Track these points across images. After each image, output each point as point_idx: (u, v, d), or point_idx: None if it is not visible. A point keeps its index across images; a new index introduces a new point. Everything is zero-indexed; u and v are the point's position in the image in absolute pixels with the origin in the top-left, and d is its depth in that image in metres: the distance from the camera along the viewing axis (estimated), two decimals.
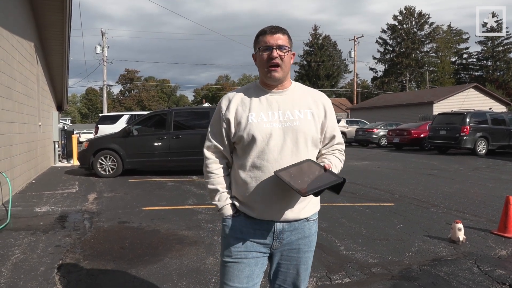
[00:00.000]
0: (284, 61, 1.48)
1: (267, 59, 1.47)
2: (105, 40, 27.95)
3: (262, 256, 1.53)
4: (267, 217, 1.48)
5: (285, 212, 1.48)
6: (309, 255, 1.59)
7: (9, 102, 6.41)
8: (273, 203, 1.46)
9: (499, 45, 49.06)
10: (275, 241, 1.51)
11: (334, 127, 1.61)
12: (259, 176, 1.46)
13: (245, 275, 1.49)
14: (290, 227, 1.51)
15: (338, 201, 5.92)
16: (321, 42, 52.70)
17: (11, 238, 4.05)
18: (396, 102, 30.97)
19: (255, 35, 1.54)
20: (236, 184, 1.53)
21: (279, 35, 1.48)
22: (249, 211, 1.50)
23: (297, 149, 1.46)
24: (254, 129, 1.46)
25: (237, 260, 1.50)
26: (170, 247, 3.75)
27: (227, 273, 1.51)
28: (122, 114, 15.99)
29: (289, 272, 1.56)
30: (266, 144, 1.45)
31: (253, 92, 1.56)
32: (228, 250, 1.52)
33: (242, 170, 1.49)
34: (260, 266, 1.53)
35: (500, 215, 4.61)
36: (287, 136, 1.47)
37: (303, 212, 1.52)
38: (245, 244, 1.50)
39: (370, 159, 12.99)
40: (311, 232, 1.57)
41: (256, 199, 1.47)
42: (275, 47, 1.46)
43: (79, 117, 77.79)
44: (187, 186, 7.51)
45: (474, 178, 8.38)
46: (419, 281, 2.91)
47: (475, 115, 14.58)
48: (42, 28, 9.86)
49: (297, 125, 1.48)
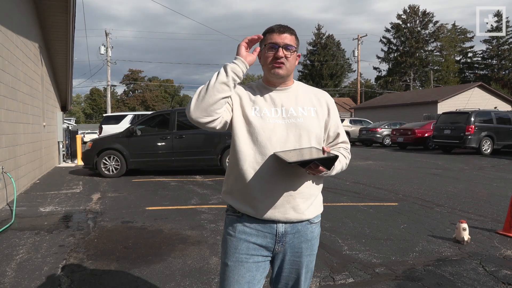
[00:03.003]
0: (289, 60, 1.47)
1: (272, 58, 1.46)
2: (109, 41, 28.04)
3: (264, 261, 1.50)
4: (269, 216, 1.45)
5: (287, 212, 1.45)
6: (311, 259, 1.56)
7: (13, 103, 6.44)
8: (275, 199, 1.43)
9: (504, 44, 48.70)
10: (278, 244, 1.48)
11: (338, 125, 1.59)
12: (259, 171, 1.43)
13: (246, 281, 1.45)
14: (292, 229, 1.48)
15: (342, 201, 5.90)
16: (324, 42, 52.56)
17: (16, 238, 4.07)
18: (400, 101, 30.82)
19: (262, 33, 1.52)
20: (236, 180, 1.49)
21: (286, 35, 1.47)
22: (250, 211, 1.46)
23: (300, 146, 1.45)
24: (257, 124, 1.45)
25: (237, 263, 1.46)
26: (173, 247, 3.75)
27: (227, 278, 1.48)
28: (126, 114, 16.02)
29: (291, 276, 1.54)
30: (268, 140, 1.43)
31: (256, 89, 1.55)
32: (229, 251, 1.49)
33: (243, 166, 1.45)
34: (261, 271, 1.49)
35: (505, 214, 4.58)
36: (290, 132, 1.45)
37: (307, 212, 1.49)
38: (247, 246, 1.47)
39: (374, 159, 12.95)
40: (313, 235, 1.55)
41: (258, 195, 1.44)
42: (281, 46, 1.45)
43: (83, 117, 78.21)
44: (190, 186, 7.52)
45: (479, 177, 8.32)
46: (423, 282, 2.89)
47: (480, 114, 14.48)
48: (46, 29, 9.91)
49: (301, 122, 1.47)
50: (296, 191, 1.45)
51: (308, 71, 52.88)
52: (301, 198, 1.47)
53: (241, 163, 1.46)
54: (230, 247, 1.49)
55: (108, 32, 28.06)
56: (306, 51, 53.43)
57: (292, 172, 1.43)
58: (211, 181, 8.14)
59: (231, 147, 1.53)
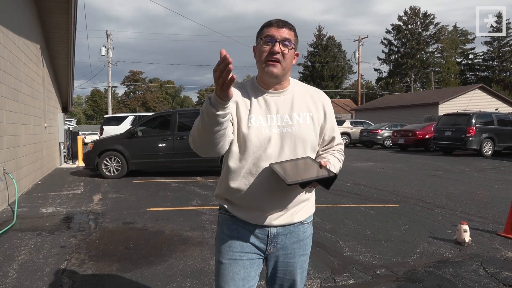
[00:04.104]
0: (286, 58, 1.37)
1: (268, 53, 1.36)
2: (110, 42, 28.11)
3: (258, 258, 1.50)
4: (261, 222, 1.44)
5: (279, 217, 1.45)
6: (305, 259, 1.55)
7: (15, 104, 6.46)
8: (267, 210, 1.43)
9: (505, 46, 48.67)
10: (270, 245, 1.48)
11: (334, 128, 1.55)
12: (254, 183, 1.41)
13: (241, 278, 1.45)
14: (284, 231, 1.48)
15: (342, 202, 5.90)
16: (325, 43, 52.61)
17: (17, 239, 4.08)
18: (401, 103, 30.82)
19: (260, 26, 1.42)
20: (229, 189, 1.46)
21: (285, 29, 1.38)
22: (242, 216, 1.46)
23: (295, 156, 1.42)
24: (253, 134, 1.39)
25: (232, 261, 1.46)
26: (174, 248, 3.76)
27: (222, 275, 1.48)
28: (127, 115, 16.05)
29: (285, 277, 1.53)
30: (263, 151, 1.40)
31: (250, 91, 1.46)
32: (223, 250, 1.48)
33: (237, 176, 1.42)
34: (255, 268, 1.49)
35: (506, 216, 4.58)
36: (284, 142, 1.41)
37: (297, 216, 1.48)
38: (241, 244, 1.47)
39: (375, 160, 12.94)
40: (305, 235, 1.54)
41: (251, 205, 1.43)
42: (278, 41, 1.36)
43: (84, 118, 78.27)
44: (191, 187, 7.52)
45: (480, 179, 8.32)
46: (424, 283, 2.89)
47: (481, 116, 14.48)
48: (47, 30, 9.94)
49: (296, 130, 1.42)
50: (290, 201, 1.44)
51: (309, 73, 52.91)
52: (294, 204, 1.46)
53: (234, 173, 1.43)
54: (224, 245, 1.49)
55: (109, 33, 28.15)
56: (307, 52, 53.52)
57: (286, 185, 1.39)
58: (212, 182, 8.14)
59: (225, 154, 1.46)
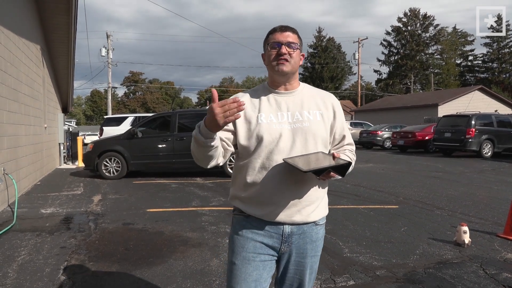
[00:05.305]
0: (293, 57, 1.47)
1: (275, 56, 1.47)
2: (110, 43, 28.11)
3: (271, 260, 1.51)
4: (276, 219, 1.47)
5: (294, 215, 1.47)
6: (315, 260, 1.58)
7: (15, 104, 6.46)
8: (282, 204, 1.45)
9: (505, 47, 48.75)
10: (284, 244, 1.50)
11: (344, 127, 1.60)
12: (267, 177, 1.44)
13: (253, 279, 1.47)
14: (298, 230, 1.50)
15: (342, 203, 5.91)
16: (325, 44, 52.68)
17: (17, 239, 4.08)
18: (400, 104, 30.85)
19: (266, 34, 1.54)
20: (242, 186, 1.51)
21: (288, 33, 1.49)
22: (257, 213, 1.48)
23: (307, 151, 1.45)
24: (264, 130, 1.45)
25: (245, 262, 1.47)
26: (174, 248, 3.76)
27: (235, 276, 1.49)
28: (127, 116, 16.05)
29: (295, 277, 1.55)
30: (275, 145, 1.44)
31: (261, 93, 1.55)
32: (236, 250, 1.50)
33: (250, 172, 1.47)
34: (268, 270, 1.51)
35: (505, 218, 4.59)
36: (296, 137, 1.46)
37: (312, 215, 1.51)
38: (254, 245, 1.48)
39: (374, 161, 12.95)
40: (318, 236, 1.57)
41: (265, 200, 1.46)
42: (284, 44, 1.46)
43: (84, 119, 78.29)
44: (191, 188, 7.52)
45: (480, 180, 8.33)
46: (424, 284, 2.90)
47: (480, 118, 14.50)
48: (48, 31, 9.95)
49: (306, 126, 1.48)
50: (303, 195, 1.47)
51: (309, 74, 52.95)
52: (308, 202, 1.49)
53: (248, 169, 1.47)
54: (237, 246, 1.51)
55: (109, 34, 28.14)
56: (307, 54, 53.42)
57: (299, 178, 1.44)
58: (212, 183, 8.14)
59: (237, 153, 1.54)
